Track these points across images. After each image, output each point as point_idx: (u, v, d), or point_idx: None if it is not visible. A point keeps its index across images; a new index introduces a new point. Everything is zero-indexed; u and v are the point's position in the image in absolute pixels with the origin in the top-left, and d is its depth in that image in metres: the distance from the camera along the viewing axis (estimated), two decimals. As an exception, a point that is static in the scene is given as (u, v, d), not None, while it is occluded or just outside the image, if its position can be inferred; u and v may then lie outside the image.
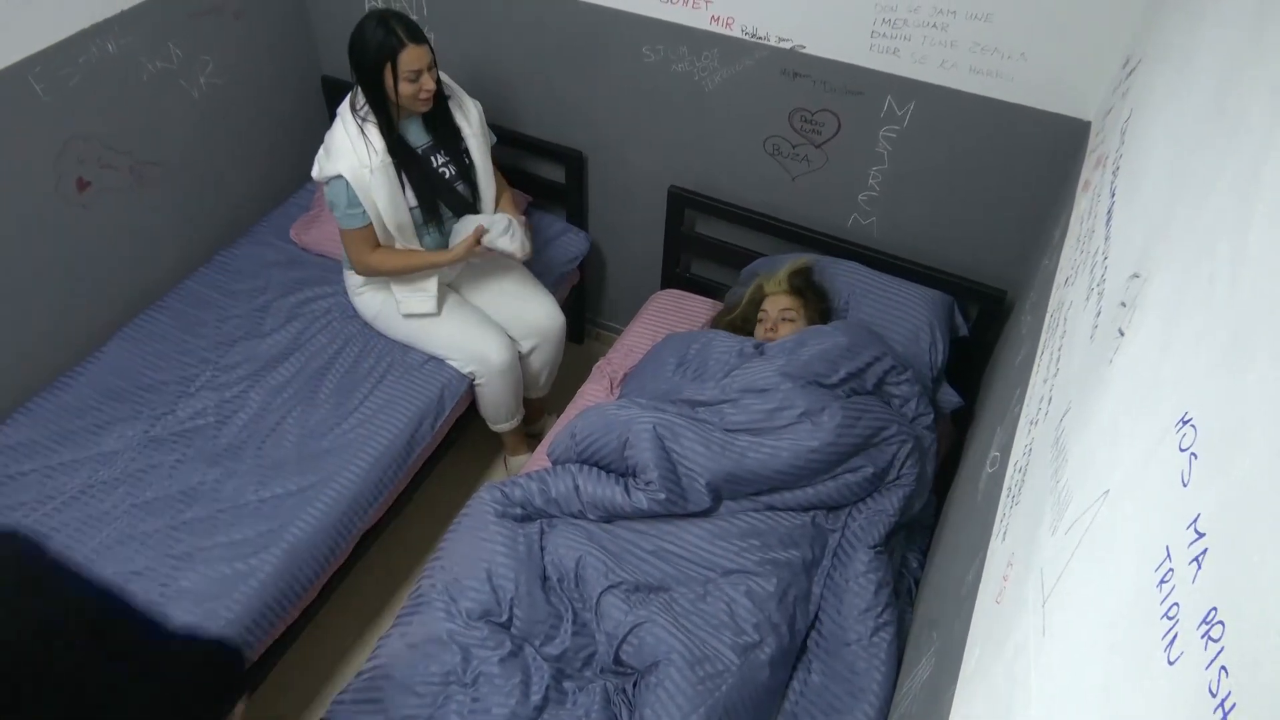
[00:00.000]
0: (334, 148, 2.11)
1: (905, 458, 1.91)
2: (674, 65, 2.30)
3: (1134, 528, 0.71)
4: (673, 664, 1.61)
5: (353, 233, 2.16)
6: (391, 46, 1.99)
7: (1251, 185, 0.73)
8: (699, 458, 1.86)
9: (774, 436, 1.87)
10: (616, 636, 1.70)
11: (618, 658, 1.70)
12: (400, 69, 2.01)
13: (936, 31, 1.95)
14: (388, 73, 2.02)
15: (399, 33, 2.00)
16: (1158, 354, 0.81)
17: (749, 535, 1.84)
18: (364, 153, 2.08)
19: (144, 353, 2.34)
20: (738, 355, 2.08)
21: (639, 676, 1.67)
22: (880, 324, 2.19)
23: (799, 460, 1.84)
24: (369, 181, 2.08)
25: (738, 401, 1.94)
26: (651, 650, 1.65)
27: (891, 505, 1.89)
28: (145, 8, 2.26)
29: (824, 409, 1.87)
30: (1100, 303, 1.12)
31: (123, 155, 2.34)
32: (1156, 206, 1.03)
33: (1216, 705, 0.48)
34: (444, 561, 1.86)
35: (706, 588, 1.77)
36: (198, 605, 1.83)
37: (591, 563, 1.81)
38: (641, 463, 1.86)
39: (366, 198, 2.10)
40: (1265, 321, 0.61)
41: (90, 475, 2.06)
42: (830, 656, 1.74)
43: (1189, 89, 1.09)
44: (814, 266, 2.27)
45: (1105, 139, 1.61)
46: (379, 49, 2.00)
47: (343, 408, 2.23)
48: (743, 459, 1.85)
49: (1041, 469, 1.09)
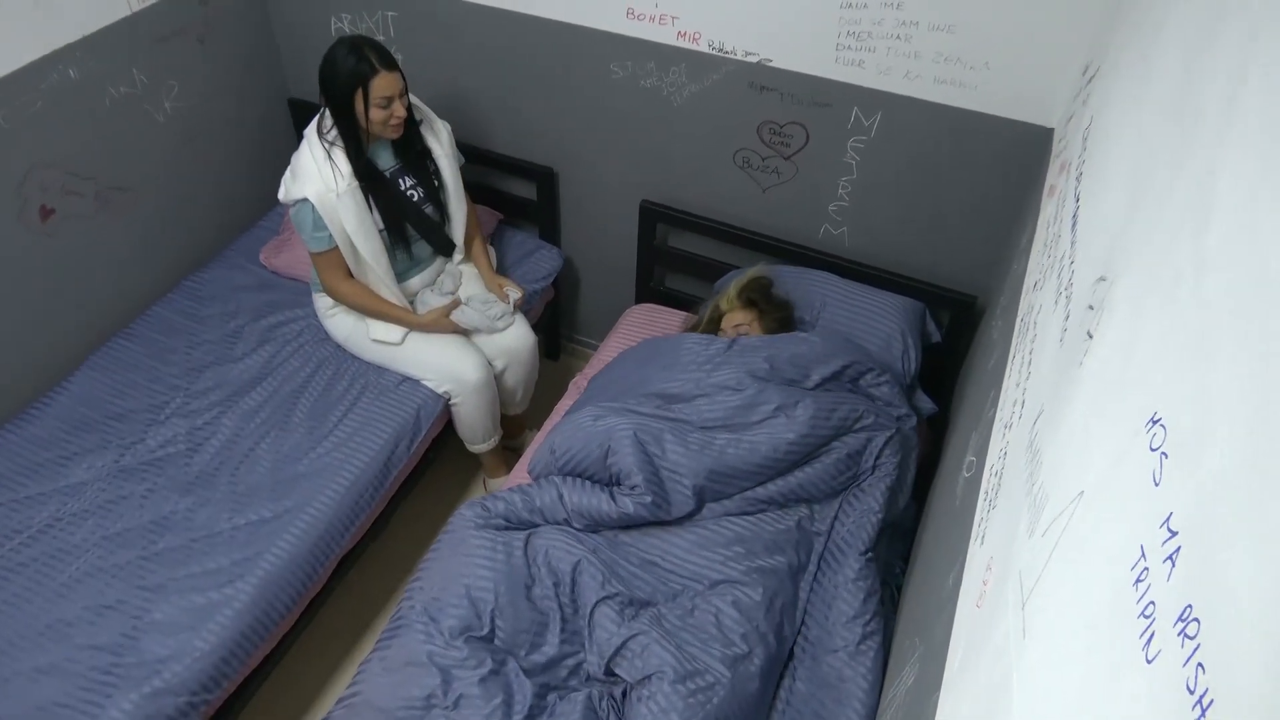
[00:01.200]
0: (300, 171, 2.10)
1: (883, 445, 1.93)
2: (642, 81, 2.31)
3: (1109, 528, 0.71)
4: (664, 678, 1.60)
5: (321, 255, 2.17)
6: (363, 73, 2.00)
7: (1208, 188, 0.74)
8: (680, 459, 1.87)
9: (750, 432, 1.89)
10: (608, 650, 1.69)
11: (608, 669, 1.69)
12: (372, 95, 2.02)
13: (900, 43, 1.98)
14: (359, 98, 2.03)
15: (371, 59, 2.00)
16: (1125, 355, 0.82)
17: (734, 543, 1.84)
18: (330, 176, 2.08)
19: (112, 381, 2.30)
20: (706, 345, 2.10)
21: (628, 687, 1.66)
22: (853, 332, 2.21)
23: (777, 453, 1.86)
24: (335, 205, 2.08)
25: (713, 397, 1.96)
26: (643, 664, 1.65)
27: (876, 501, 1.89)
28: (108, 33, 2.24)
29: (798, 403, 1.90)
30: (1068, 306, 1.14)
31: (87, 182, 2.31)
32: (1119, 210, 1.04)
33: (1195, 702, 0.49)
34: (423, 582, 1.84)
35: (695, 600, 1.76)
36: (172, 637, 1.79)
37: (588, 569, 1.79)
38: (625, 469, 1.86)
39: (333, 221, 2.10)
40: (1228, 321, 0.62)
41: (59, 508, 2.02)
42: (816, 663, 1.74)
43: (1146, 95, 1.11)
44: (768, 278, 2.28)
45: (1068, 145, 1.63)
46: (351, 75, 2.00)
47: (317, 431, 2.21)
48: (722, 455, 1.87)
49: (1017, 472, 1.10)
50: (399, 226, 2.21)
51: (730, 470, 1.87)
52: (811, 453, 1.90)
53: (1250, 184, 0.66)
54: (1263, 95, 0.69)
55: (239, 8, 2.61)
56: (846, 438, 1.93)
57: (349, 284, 2.22)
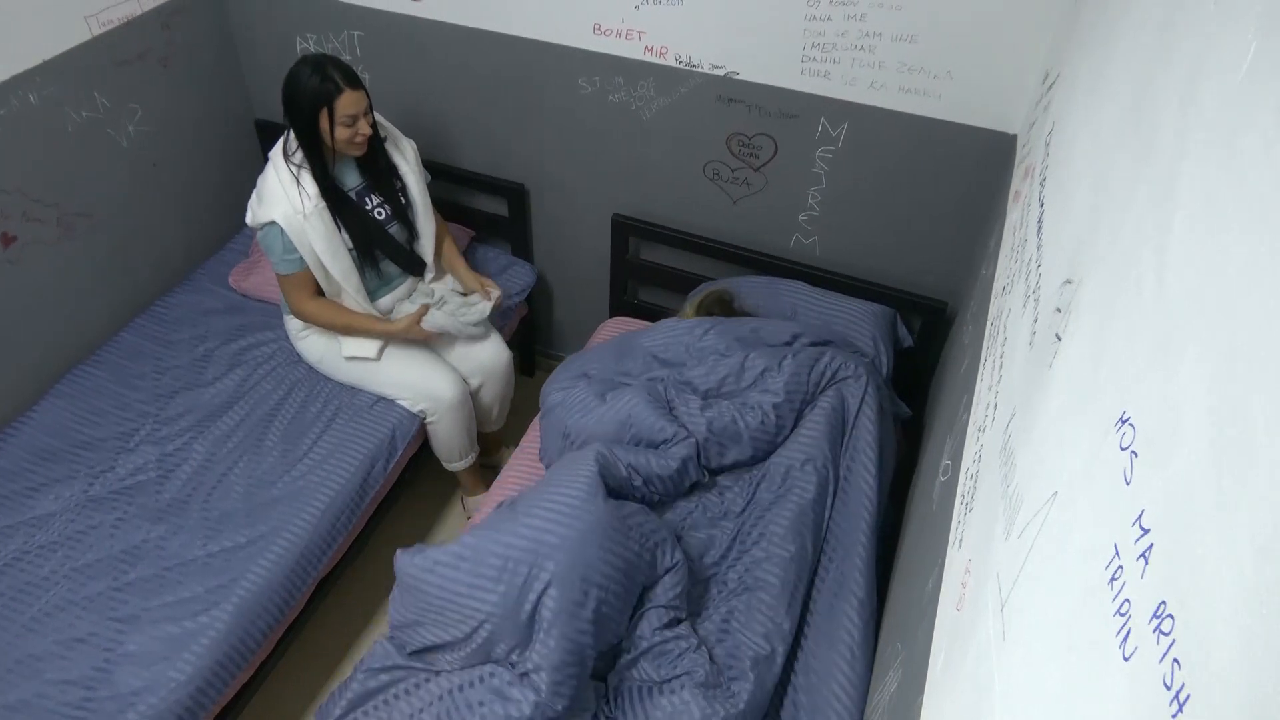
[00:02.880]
0: (266, 193, 2.09)
1: (864, 390, 1.98)
2: (610, 96, 2.32)
3: (1082, 527, 0.72)
4: (692, 678, 1.62)
5: (289, 278, 2.15)
6: (328, 92, 1.99)
7: (1168, 191, 0.76)
8: (694, 415, 1.94)
9: (741, 397, 1.97)
10: (635, 651, 1.69)
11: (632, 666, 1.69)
12: (336, 114, 2.01)
13: (864, 54, 2.01)
14: (323, 118, 2.02)
15: (335, 78, 1.99)
16: (1094, 357, 0.84)
17: (746, 539, 1.85)
18: (297, 198, 2.07)
19: (79, 409, 2.26)
20: (686, 328, 2.15)
21: (642, 686, 1.65)
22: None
23: (773, 413, 1.93)
24: (303, 227, 2.07)
25: (705, 361, 2.04)
26: (671, 665, 1.65)
27: (868, 457, 1.92)
28: (69, 57, 2.21)
29: (781, 360, 1.98)
30: (1037, 309, 1.15)
31: (49, 208, 2.27)
32: (1083, 214, 1.06)
33: (1172, 698, 0.49)
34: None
35: (722, 606, 1.77)
36: (146, 669, 1.76)
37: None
38: (656, 426, 1.90)
39: (302, 243, 2.08)
40: (1191, 321, 0.63)
41: (25, 540, 1.97)
42: (807, 671, 1.74)
43: (1105, 101, 1.13)
44: (729, 292, 2.31)
45: (1031, 151, 1.66)
46: (315, 95, 1.99)
47: (291, 454, 2.18)
48: (721, 417, 1.93)
49: (992, 475, 1.11)
50: (366, 246, 2.20)
51: (734, 433, 1.92)
52: (799, 414, 1.96)
53: (1208, 186, 0.68)
54: (1218, 98, 0.71)
55: (202, 30, 2.59)
56: (829, 392, 1.98)
57: (316, 302, 2.20)
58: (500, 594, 1.61)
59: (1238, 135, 0.64)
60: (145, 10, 2.38)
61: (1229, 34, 0.72)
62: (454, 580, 1.64)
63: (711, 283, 2.44)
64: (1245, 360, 0.53)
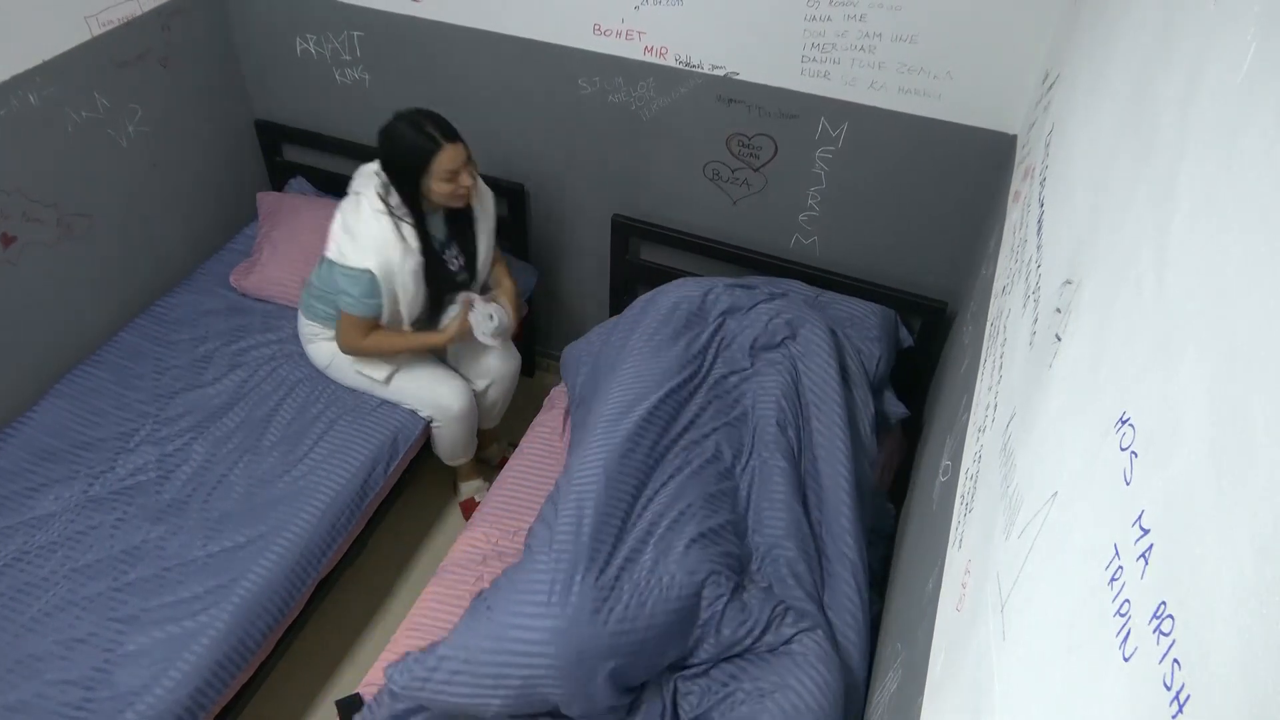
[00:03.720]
0: (365, 237, 2.04)
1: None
2: (610, 96, 2.32)
3: (1082, 528, 0.72)
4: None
5: (357, 320, 2.12)
6: (428, 150, 1.96)
7: (1168, 191, 0.76)
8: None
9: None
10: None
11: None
12: (435, 170, 1.99)
13: (865, 54, 2.01)
14: (424, 173, 1.99)
15: (434, 134, 1.97)
16: (1093, 357, 0.84)
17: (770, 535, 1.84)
18: (398, 251, 2.05)
19: (79, 409, 2.26)
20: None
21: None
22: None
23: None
24: (397, 279, 2.07)
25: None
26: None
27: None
28: (67, 58, 2.21)
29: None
30: (1037, 310, 1.15)
31: (49, 208, 2.27)
32: (1083, 214, 1.06)
33: (1172, 698, 0.49)
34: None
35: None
36: (145, 669, 1.76)
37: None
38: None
39: (389, 294, 2.08)
40: (1191, 321, 0.63)
41: (25, 541, 1.97)
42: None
43: (1105, 101, 1.13)
44: None
45: (1031, 151, 1.66)
46: (415, 152, 1.97)
47: (291, 455, 2.18)
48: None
49: (992, 475, 1.11)
50: (438, 298, 2.21)
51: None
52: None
53: (1208, 186, 0.68)
54: (1217, 99, 0.71)
55: (202, 30, 2.59)
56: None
57: (371, 338, 2.16)
58: (503, 697, 1.58)
59: (1238, 135, 0.64)
60: (145, 11, 2.38)
61: (1229, 34, 0.72)
62: (451, 691, 1.59)
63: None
64: (1245, 360, 0.53)
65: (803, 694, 1.55)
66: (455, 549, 2.02)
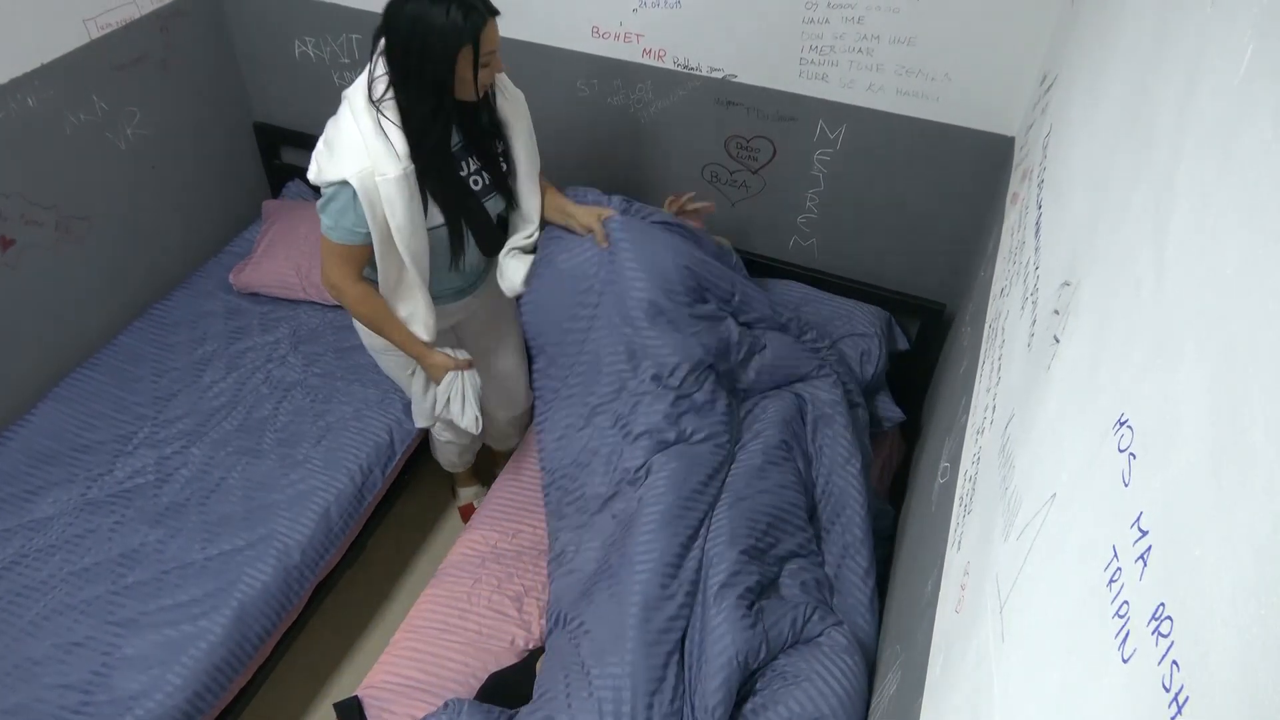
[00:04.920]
0: (342, 145, 1.67)
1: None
2: (609, 99, 2.32)
3: (1081, 529, 0.72)
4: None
5: (340, 247, 1.72)
6: (476, 25, 1.58)
7: (1166, 193, 0.76)
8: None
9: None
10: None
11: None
12: (481, 50, 1.61)
13: (863, 56, 2.01)
14: (462, 58, 1.61)
15: (479, 6, 1.59)
16: (1092, 359, 0.84)
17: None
18: (381, 155, 1.64)
19: (77, 412, 2.26)
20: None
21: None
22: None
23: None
24: (380, 192, 1.65)
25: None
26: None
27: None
28: (65, 61, 2.21)
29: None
30: (1035, 311, 1.15)
31: (47, 211, 2.27)
32: (1081, 216, 1.06)
33: (1171, 700, 0.49)
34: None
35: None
36: (143, 673, 1.75)
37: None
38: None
39: (374, 212, 1.67)
40: (1189, 323, 0.63)
41: (24, 544, 1.97)
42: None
43: (1102, 103, 1.13)
44: None
45: (1029, 153, 1.66)
46: (460, 31, 1.57)
47: (290, 458, 2.18)
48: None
49: (990, 477, 1.11)
50: (456, 225, 1.79)
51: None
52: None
53: (1205, 187, 0.68)
54: (1215, 100, 0.71)
55: (200, 33, 2.59)
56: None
57: (361, 285, 1.79)
58: None
59: (1235, 137, 0.64)
60: (143, 14, 2.38)
61: (1226, 36, 0.72)
62: None
63: None
64: (1243, 361, 0.53)
65: (829, 680, 1.59)
66: (454, 551, 2.02)
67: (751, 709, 1.60)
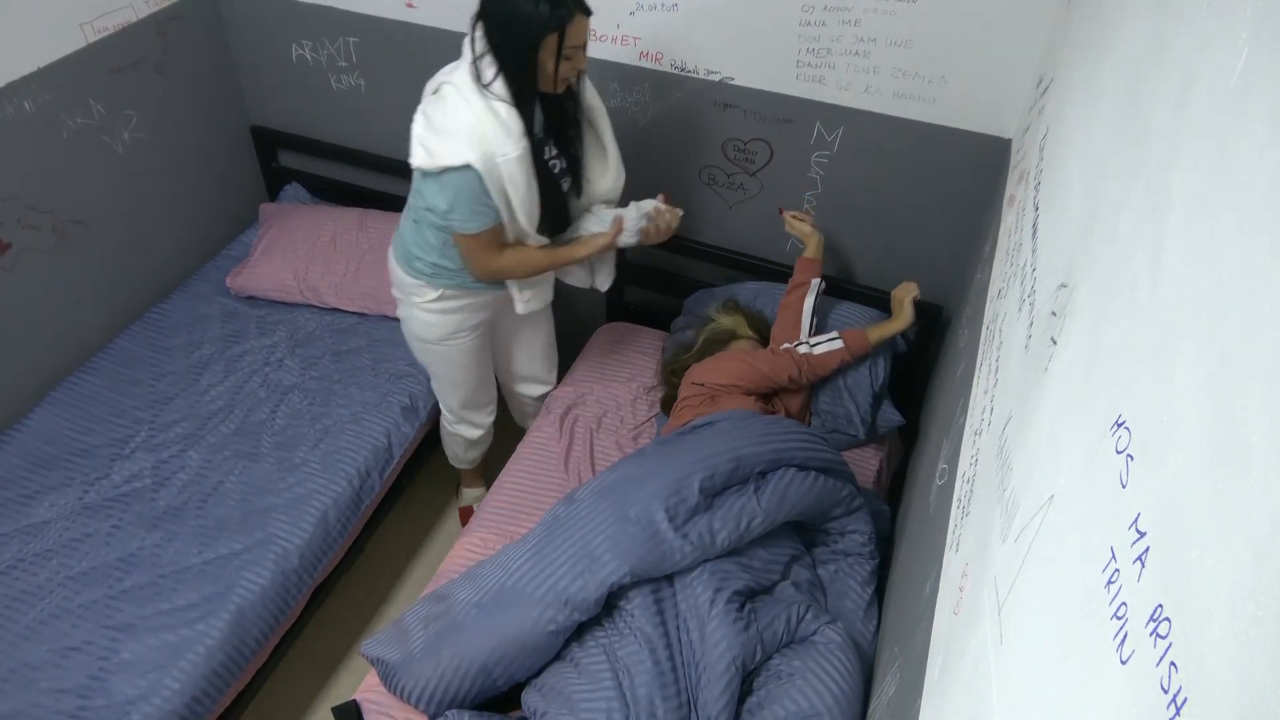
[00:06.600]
0: (454, 129, 1.70)
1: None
2: (607, 101, 2.31)
3: (1079, 531, 0.72)
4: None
5: (478, 237, 1.80)
6: (562, 18, 1.65)
7: (1162, 195, 0.76)
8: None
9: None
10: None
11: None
12: (567, 42, 1.68)
13: (859, 59, 2.01)
14: (546, 48, 1.68)
15: (569, 2, 1.67)
16: (1089, 360, 0.84)
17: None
18: (503, 138, 1.70)
19: (74, 416, 2.25)
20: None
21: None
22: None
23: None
24: (503, 172, 1.72)
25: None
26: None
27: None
28: (61, 65, 2.21)
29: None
30: (1032, 313, 1.15)
31: (44, 215, 2.27)
32: (1077, 218, 1.06)
33: (1169, 701, 0.49)
34: None
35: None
36: (141, 677, 1.75)
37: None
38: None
39: (499, 191, 1.74)
40: (1186, 324, 0.63)
41: (20, 548, 1.96)
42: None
43: (1098, 105, 1.14)
44: (733, 301, 2.30)
45: (1026, 155, 1.67)
46: (545, 21, 1.65)
47: (287, 461, 2.17)
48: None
49: (988, 478, 1.11)
50: (545, 201, 1.87)
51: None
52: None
53: (1201, 189, 0.68)
54: (1211, 103, 0.71)
55: (197, 37, 2.59)
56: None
57: (508, 254, 1.87)
58: None
59: (1231, 139, 0.64)
60: (140, 18, 2.38)
61: (1222, 39, 0.72)
62: None
63: (706, 291, 2.44)
64: (1240, 363, 0.53)
65: (825, 678, 1.59)
66: (452, 554, 2.02)
67: (749, 709, 1.60)
